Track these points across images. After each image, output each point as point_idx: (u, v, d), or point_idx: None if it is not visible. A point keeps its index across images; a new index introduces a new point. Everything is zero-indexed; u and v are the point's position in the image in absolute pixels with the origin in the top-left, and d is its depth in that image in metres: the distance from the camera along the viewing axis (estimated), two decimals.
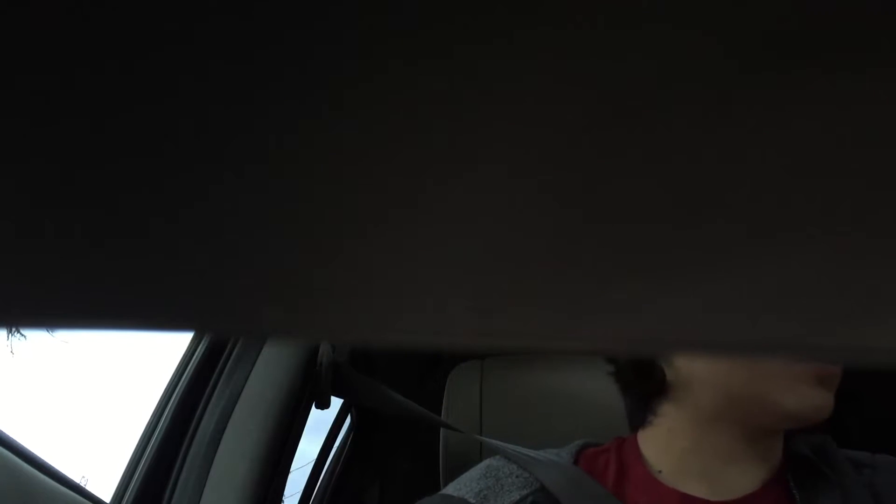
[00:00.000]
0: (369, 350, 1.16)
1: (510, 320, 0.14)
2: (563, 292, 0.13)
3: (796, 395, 0.54)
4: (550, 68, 0.09)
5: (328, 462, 1.42)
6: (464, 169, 0.11)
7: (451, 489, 0.64)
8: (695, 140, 0.10)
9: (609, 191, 0.11)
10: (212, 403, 0.83)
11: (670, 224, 0.11)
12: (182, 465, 0.78)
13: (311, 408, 0.95)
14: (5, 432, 0.54)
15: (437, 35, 0.09)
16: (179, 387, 0.84)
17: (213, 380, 0.85)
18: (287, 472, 0.90)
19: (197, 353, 0.87)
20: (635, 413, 0.63)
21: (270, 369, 0.87)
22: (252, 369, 0.86)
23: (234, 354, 0.87)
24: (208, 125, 0.10)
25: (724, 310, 0.13)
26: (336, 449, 1.46)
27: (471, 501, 0.61)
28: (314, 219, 0.12)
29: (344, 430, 1.47)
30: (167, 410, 0.83)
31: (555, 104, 0.10)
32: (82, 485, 0.63)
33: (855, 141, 0.10)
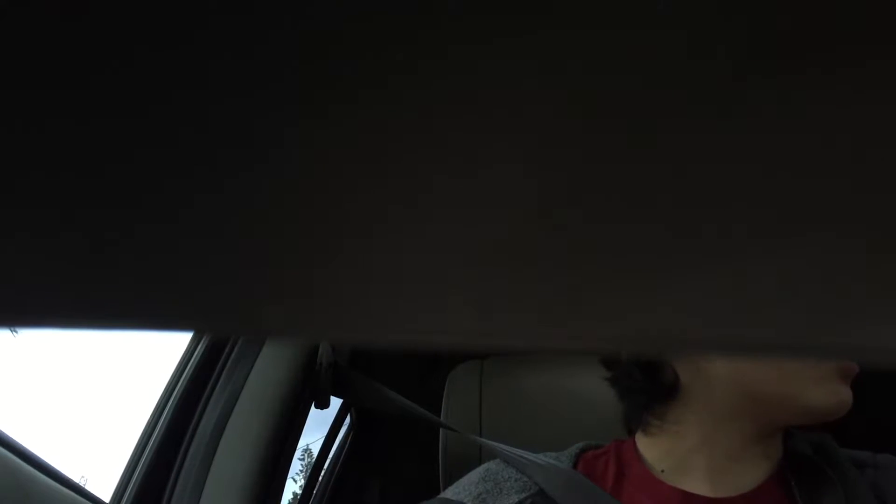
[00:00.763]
0: (369, 350, 1.16)
1: (510, 320, 0.14)
2: (564, 292, 0.13)
3: (823, 392, 0.54)
4: (549, 69, 0.09)
5: (328, 462, 1.42)
6: (464, 169, 0.11)
7: (450, 493, 0.64)
8: (695, 140, 0.10)
9: (609, 191, 0.11)
10: (212, 403, 0.83)
11: (671, 224, 0.11)
12: (182, 464, 0.78)
13: (311, 407, 0.95)
14: (5, 432, 0.54)
15: (438, 35, 0.09)
16: (179, 386, 0.84)
17: (212, 380, 0.85)
18: (287, 472, 0.90)
19: (197, 353, 0.87)
20: (635, 418, 0.63)
21: (270, 369, 0.87)
22: (252, 369, 0.86)
23: (234, 354, 0.87)
24: (208, 125, 0.10)
25: (725, 309, 0.13)
26: (336, 449, 1.46)
27: None
28: (314, 219, 0.12)
29: (344, 429, 1.47)
30: (167, 410, 0.83)
31: (555, 104, 0.10)
32: (82, 485, 0.63)
33: (854, 141, 0.10)
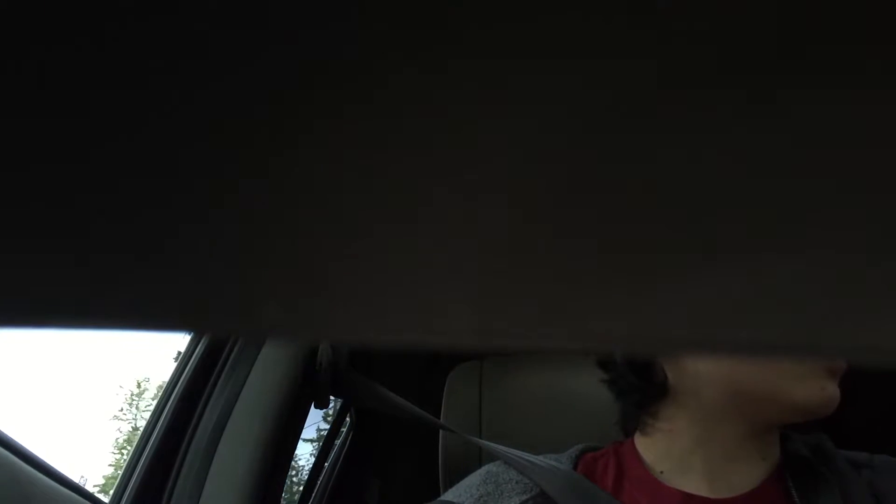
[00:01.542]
0: (369, 350, 1.16)
1: (510, 320, 0.14)
2: (563, 292, 0.13)
3: (808, 388, 0.54)
4: (548, 69, 0.09)
5: (328, 462, 1.42)
6: (464, 169, 0.11)
7: (451, 495, 0.64)
8: (694, 140, 0.10)
9: (609, 191, 0.11)
10: (211, 403, 0.83)
11: (670, 224, 0.11)
12: (181, 464, 0.78)
13: (311, 408, 0.95)
14: (4, 432, 0.54)
15: (437, 35, 0.09)
16: (179, 386, 0.84)
17: (212, 380, 0.85)
18: (286, 472, 0.90)
19: (197, 353, 0.87)
20: (632, 418, 0.63)
21: (270, 369, 0.87)
22: (252, 369, 0.86)
23: (233, 354, 0.87)
24: (209, 125, 0.10)
25: (725, 309, 0.13)
26: (336, 449, 1.46)
27: None
28: (314, 218, 0.12)
29: (344, 430, 1.47)
30: (167, 410, 0.83)
31: (554, 105, 0.10)
32: (82, 485, 0.63)
33: (854, 141, 0.10)
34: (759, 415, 0.57)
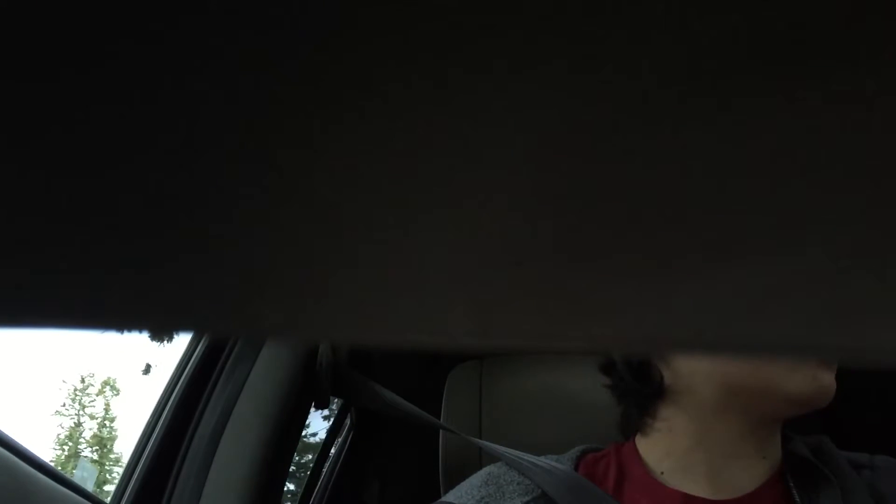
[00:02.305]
0: (369, 350, 1.16)
1: (510, 320, 0.14)
2: (563, 292, 0.13)
3: (800, 379, 0.54)
4: (546, 69, 0.09)
5: (328, 462, 1.42)
6: (463, 170, 0.11)
7: (452, 496, 0.64)
8: (693, 141, 0.10)
9: (609, 191, 0.11)
10: (211, 403, 0.83)
11: (670, 224, 0.11)
12: (181, 465, 0.78)
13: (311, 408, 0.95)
14: (4, 432, 0.54)
15: (437, 35, 0.09)
16: (179, 386, 0.84)
17: (212, 380, 0.85)
18: (287, 472, 0.90)
19: (197, 353, 0.87)
20: (633, 420, 0.63)
21: (270, 369, 0.87)
22: (252, 369, 0.86)
23: (233, 354, 0.87)
24: (208, 126, 0.10)
25: (725, 309, 0.13)
26: (336, 449, 1.45)
27: None
28: (314, 219, 0.12)
29: (344, 430, 1.47)
30: (167, 410, 0.83)
31: (555, 104, 0.10)
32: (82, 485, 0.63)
33: (853, 141, 0.10)
34: (755, 410, 0.57)
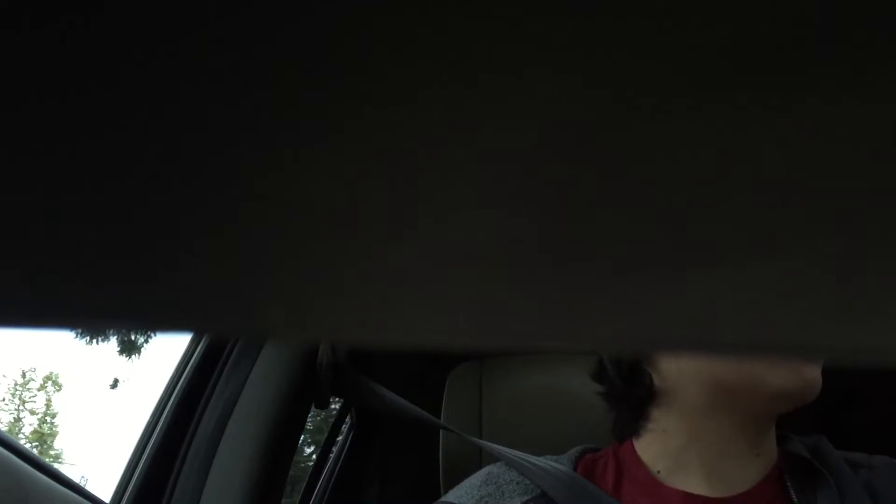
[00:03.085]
0: (369, 350, 1.16)
1: (510, 320, 0.14)
2: (563, 292, 0.13)
3: (783, 374, 0.54)
4: (546, 70, 0.09)
5: (328, 462, 1.42)
6: (463, 170, 0.11)
7: (452, 496, 0.64)
8: (693, 141, 0.10)
9: (608, 192, 0.11)
10: (212, 403, 0.83)
11: (670, 224, 0.11)
12: (182, 465, 0.78)
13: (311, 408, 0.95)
14: (4, 432, 0.54)
15: (436, 35, 0.09)
16: (179, 387, 0.84)
17: (213, 380, 0.85)
18: (287, 472, 0.90)
19: (197, 353, 0.87)
20: (628, 424, 0.63)
21: (270, 369, 0.87)
22: (252, 369, 0.86)
23: (234, 354, 0.87)
24: (208, 126, 0.10)
25: (724, 309, 0.13)
26: (336, 449, 1.45)
27: None
28: (314, 219, 0.12)
29: (344, 430, 1.47)
30: (167, 410, 0.83)
31: (553, 105, 0.10)
32: (82, 485, 0.63)
33: (852, 142, 0.10)
34: (743, 407, 0.57)
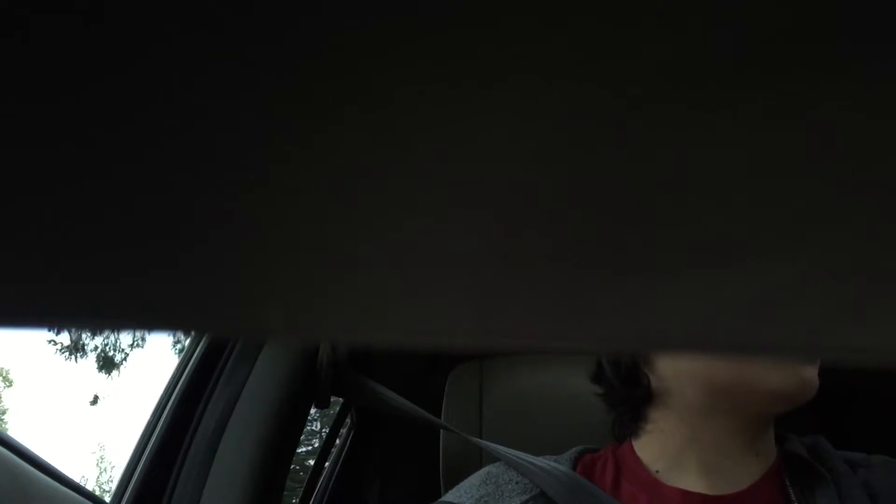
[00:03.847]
0: (369, 350, 1.16)
1: (510, 320, 0.14)
2: (563, 292, 0.13)
3: (780, 375, 0.54)
4: (546, 69, 0.09)
5: (328, 461, 1.42)
6: (464, 170, 0.11)
7: (451, 496, 0.64)
8: (693, 142, 0.10)
9: (609, 191, 0.11)
10: (212, 403, 0.83)
11: (670, 225, 0.11)
12: (182, 465, 0.78)
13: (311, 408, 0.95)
14: (4, 432, 0.54)
15: (435, 35, 0.09)
16: (179, 387, 0.84)
17: (213, 380, 0.85)
18: (287, 472, 0.90)
19: (197, 353, 0.87)
20: (626, 425, 0.63)
21: (270, 369, 0.87)
22: (252, 369, 0.86)
23: (234, 354, 0.87)
24: (208, 127, 0.10)
25: (724, 310, 0.13)
26: (336, 448, 1.45)
27: None
28: (314, 219, 0.12)
29: (344, 429, 1.47)
30: (167, 410, 0.83)
31: (553, 105, 0.10)
32: (82, 485, 0.63)
33: (852, 142, 0.10)
34: (740, 407, 0.57)
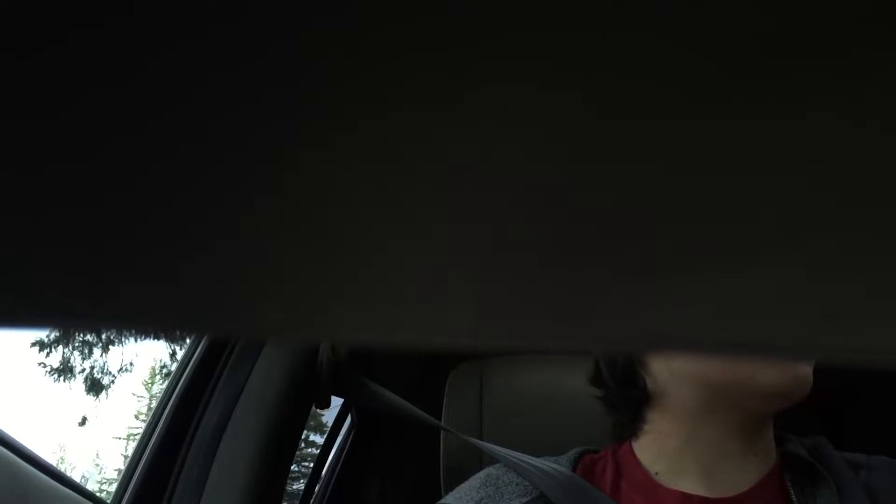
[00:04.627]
0: (369, 350, 1.16)
1: (510, 320, 0.14)
2: (563, 292, 0.13)
3: (773, 373, 0.54)
4: (546, 69, 0.09)
5: (328, 461, 1.42)
6: (464, 170, 0.11)
7: (451, 498, 0.64)
8: (692, 143, 0.10)
9: (610, 192, 0.11)
10: (212, 403, 0.83)
11: (670, 226, 0.11)
12: (182, 465, 0.78)
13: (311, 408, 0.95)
14: (5, 432, 0.54)
15: (435, 35, 0.09)
16: (179, 387, 0.84)
17: (213, 380, 0.85)
18: (287, 472, 0.90)
19: (197, 353, 0.87)
20: (625, 426, 0.63)
21: (270, 369, 0.87)
22: (252, 369, 0.86)
23: (234, 354, 0.87)
24: (208, 128, 0.10)
25: (723, 310, 0.13)
26: (336, 449, 1.46)
27: None
28: (314, 219, 0.12)
29: (344, 430, 1.47)
30: (167, 410, 0.83)
31: (555, 105, 0.10)
32: (82, 485, 0.63)
33: (851, 142, 0.10)
34: (736, 407, 0.57)
